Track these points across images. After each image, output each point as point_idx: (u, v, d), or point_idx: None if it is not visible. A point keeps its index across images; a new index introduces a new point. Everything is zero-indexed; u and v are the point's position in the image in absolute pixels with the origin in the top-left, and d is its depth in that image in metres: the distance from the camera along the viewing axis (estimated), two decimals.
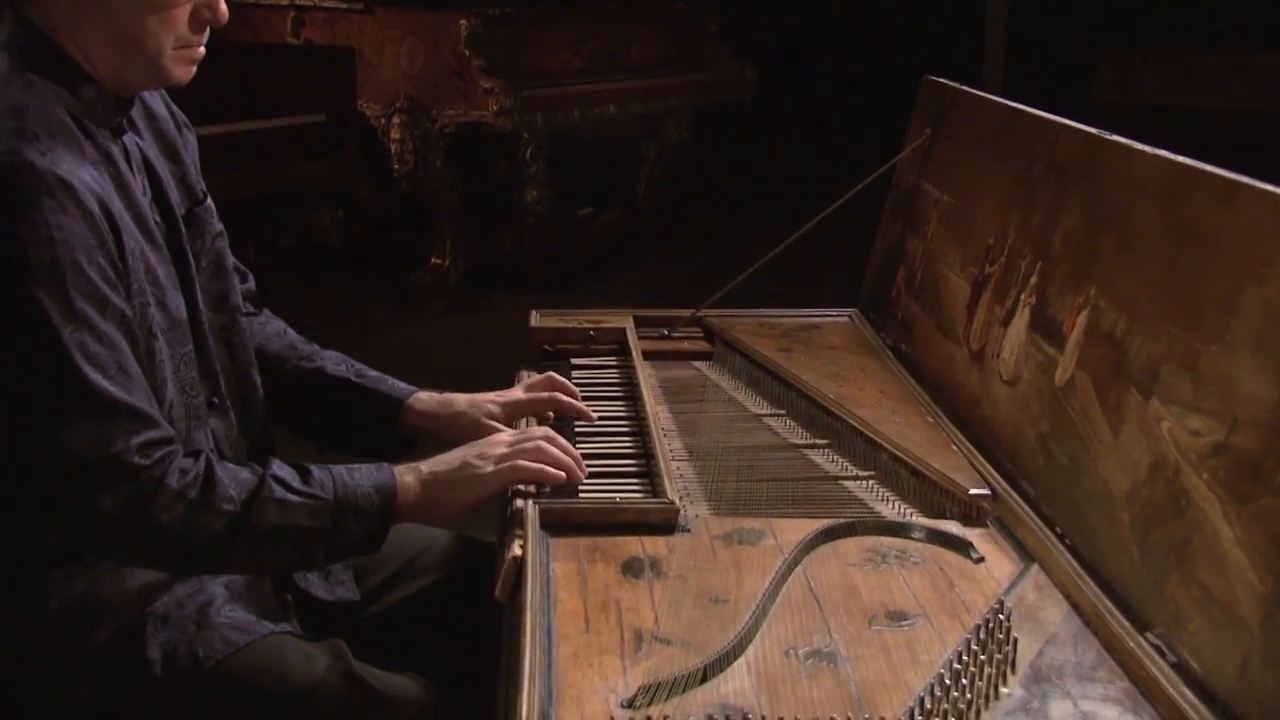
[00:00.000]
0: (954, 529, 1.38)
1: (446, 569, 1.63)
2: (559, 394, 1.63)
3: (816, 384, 1.77)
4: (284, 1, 5.00)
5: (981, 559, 1.33)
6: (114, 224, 1.30)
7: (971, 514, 1.41)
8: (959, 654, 1.12)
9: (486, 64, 4.64)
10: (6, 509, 1.33)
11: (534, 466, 1.41)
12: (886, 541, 1.36)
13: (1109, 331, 1.32)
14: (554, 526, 1.35)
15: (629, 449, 1.60)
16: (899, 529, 1.38)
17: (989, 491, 1.43)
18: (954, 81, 2.03)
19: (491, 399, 1.62)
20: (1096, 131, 1.48)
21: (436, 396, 1.63)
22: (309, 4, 4.96)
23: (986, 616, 1.18)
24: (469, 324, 4.75)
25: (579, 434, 1.62)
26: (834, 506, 1.47)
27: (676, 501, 1.38)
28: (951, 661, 1.11)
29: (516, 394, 1.64)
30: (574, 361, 1.93)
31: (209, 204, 1.53)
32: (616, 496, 1.43)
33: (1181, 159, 1.28)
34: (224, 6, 1.38)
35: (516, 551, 1.29)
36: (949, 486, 1.45)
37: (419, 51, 4.75)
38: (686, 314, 2.09)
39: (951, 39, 6.97)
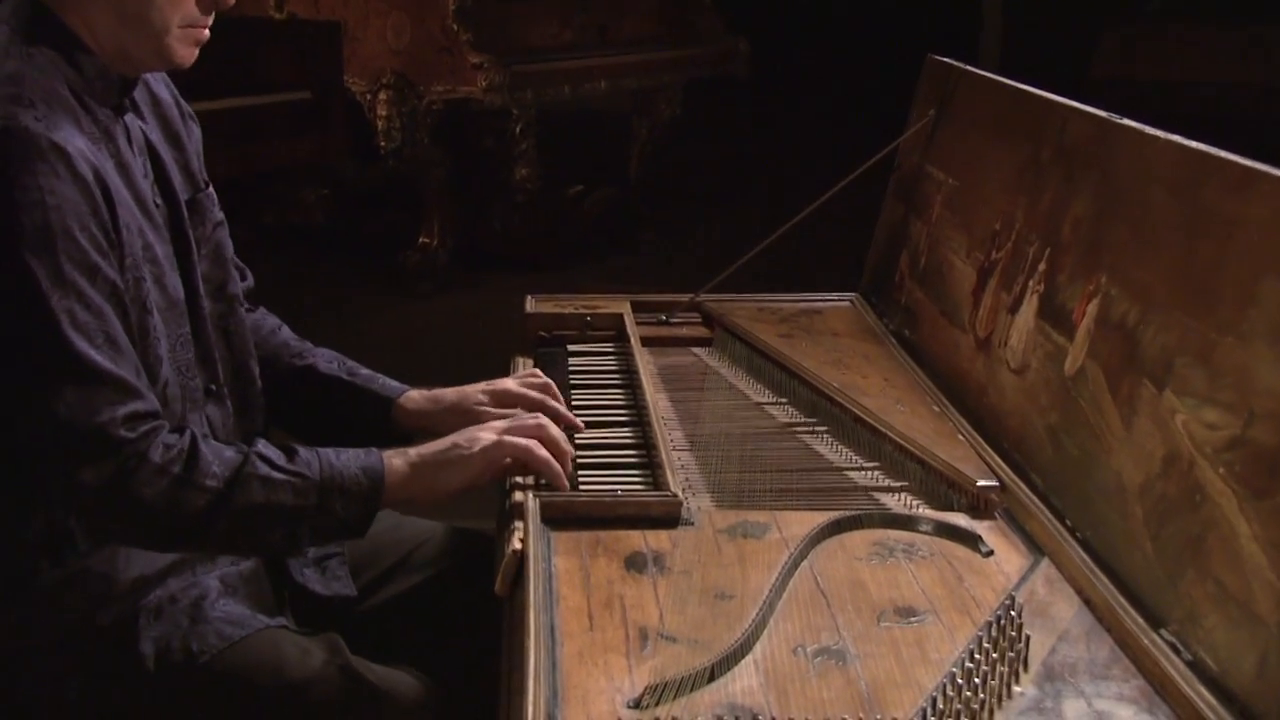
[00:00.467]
0: (962, 522, 1.36)
1: (443, 563, 1.61)
2: (550, 399, 1.58)
3: (819, 371, 1.75)
4: None
5: (990, 552, 1.30)
6: (108, 194, 1.29)
7: (980, 506, 1.39)
8: (970, 652, 1.10)
9: (475, 38, 4.58)
10: None
11: (521, 442, 1.39)
12: (893, 535, 1.33)
13: (1121, 321, 1.29)
14: (554, 520, 1.33)
15: (629, 439, 1.57)
16: (906, 522, 1.36)
17: (997, 483, 1.40)
18: (949, 51, 2.00)
19: (481, 389, 1.60)
20: (1107, 115, 1.45)
21: (425, 394, 1.61)
22: None
23: (998, 613, 1.16)
24: (459, 304, 4.70)
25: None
26: (839, 498, 1.45)
27: (679, 494, 1.36)
28: (963, 660, 1.09)
29: (508, 384, 1.61)
30: (570, 348, 1.91)
31: (211, 192, 1.52)
32: (618, 489, 1.41)
33: (1196, 145, 1.26)
34: None
35: (517, 545, 1.27)
36: (956, 478, 1.43)
37: (405, 26, 4.68)
38: (685, 299, 2.06)
39: (948, 2, 6.86)
